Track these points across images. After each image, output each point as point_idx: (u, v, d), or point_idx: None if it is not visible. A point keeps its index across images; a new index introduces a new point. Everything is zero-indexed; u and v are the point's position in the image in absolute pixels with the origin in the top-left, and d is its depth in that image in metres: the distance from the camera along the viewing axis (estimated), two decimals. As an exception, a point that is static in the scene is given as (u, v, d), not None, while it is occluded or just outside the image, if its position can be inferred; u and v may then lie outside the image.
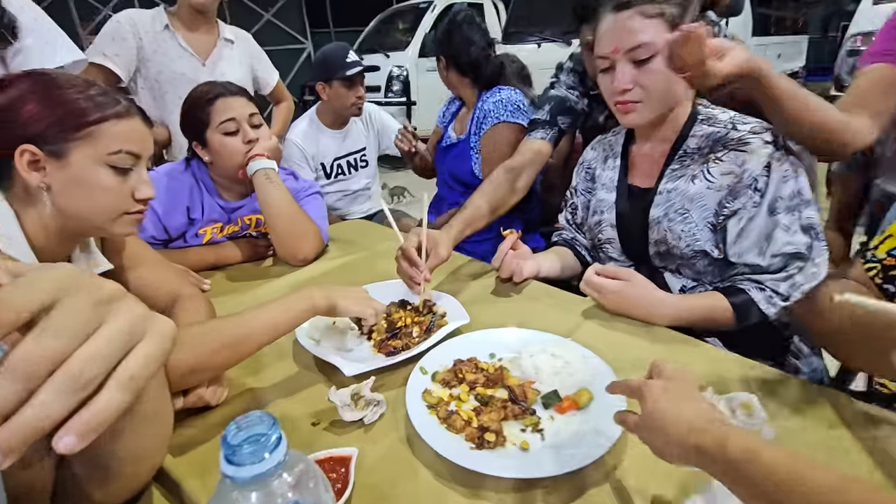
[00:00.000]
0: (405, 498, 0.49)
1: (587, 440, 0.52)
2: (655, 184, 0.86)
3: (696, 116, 0.85)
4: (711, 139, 0.82)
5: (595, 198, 0.97)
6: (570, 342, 0.68)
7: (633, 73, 0.78)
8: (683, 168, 0.83)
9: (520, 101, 1.40)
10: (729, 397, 0.56)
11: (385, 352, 0.72)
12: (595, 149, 1.02)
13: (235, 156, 1.07)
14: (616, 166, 0.94)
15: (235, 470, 0.23)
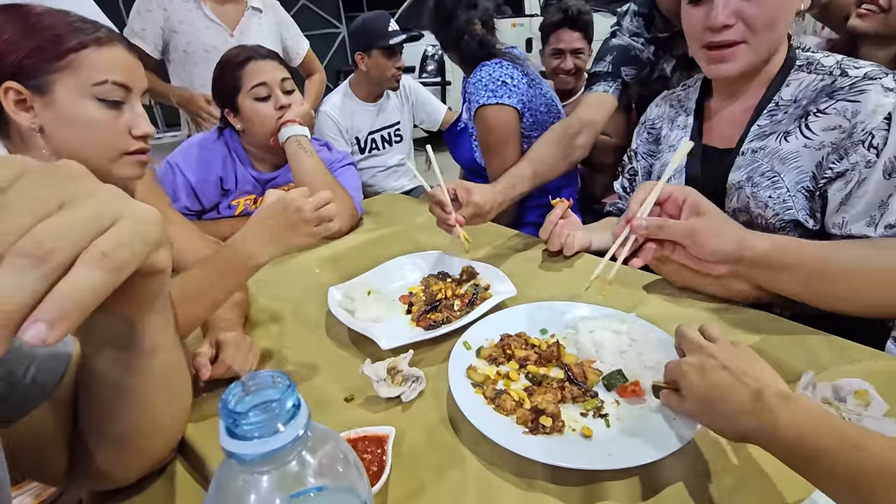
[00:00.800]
0: (450, 487, 0.43)
1: (662, 429, 0.44)
2: (738, 143, 0.73)
3: (794, 62, 0.71)
4: (812, 88, 0.68)
5: (660, 161, 0.87)
6: (633, 317, 0.60)
7: (736, 5, 0.65)
8: (775, 124, 0.71)
9: (503, 77, 1.16)
10: (836, 385, 0.47)
11: (424, 325, 0.66)
12: (660, 105, 0.90)
13: (267, 122, 1.02)
14: (688, 125, 0.82)
15: (241, 446, 0.17)
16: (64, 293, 0.20)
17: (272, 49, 1.65)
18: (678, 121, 0.85)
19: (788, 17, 0.67)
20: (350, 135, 1.78)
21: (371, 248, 0.98)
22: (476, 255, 0.85)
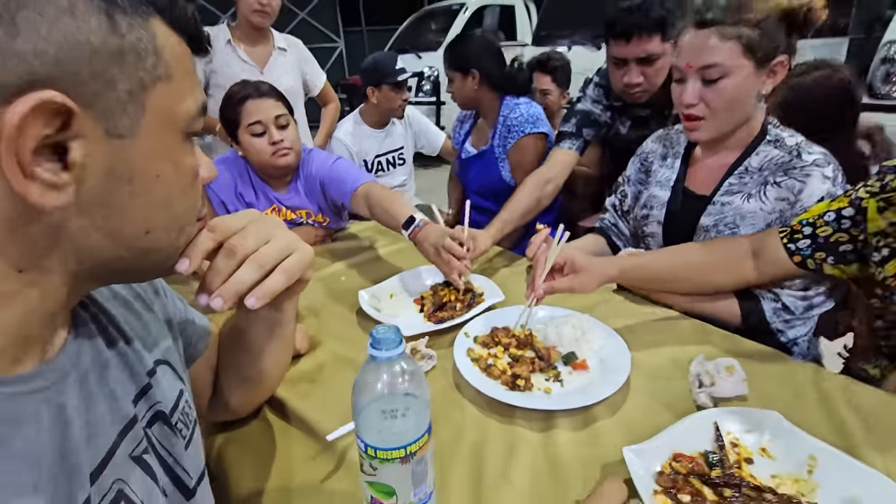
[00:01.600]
0: (455, 423, 0.65)
1: (594, 389, 0.67)
2: (711, 193, 0.90)
3: (765, 135, 0.88)
4: (775, 161, 0.84)
5: (648, 192, 1.00)
6: (588, 317, 0.83)
7: (701, 90, 0.82)
8: (742, 185, 0.87)
9: (538, 113, 1.57)
10: (716, 362, 0.70)
11: (434, 320, 0.88)
12: (655, 142, 1.05)
13: (262, 155, 1.19)
14: (675, 166, 0.97)
15: (378, 353, 0.39)
16: (267, 284, 0.43)
17: (295, 81, 1.89)
18: (667, 160, 1.00)
19: (746, 101, 0.83)
20: (359, 158, 2.00)
21: (385, 262, 1.20)
22: (474, 269, 1.08)
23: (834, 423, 0.61)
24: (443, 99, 5.45)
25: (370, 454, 0.41)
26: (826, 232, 0.72)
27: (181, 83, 0.34)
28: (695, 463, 0.55)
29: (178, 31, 0.35)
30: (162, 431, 0.42)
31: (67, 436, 0.32)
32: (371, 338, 0.40)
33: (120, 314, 0.43)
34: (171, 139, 0.34)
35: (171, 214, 0.36)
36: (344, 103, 6.46)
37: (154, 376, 0.43)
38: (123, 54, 0.30)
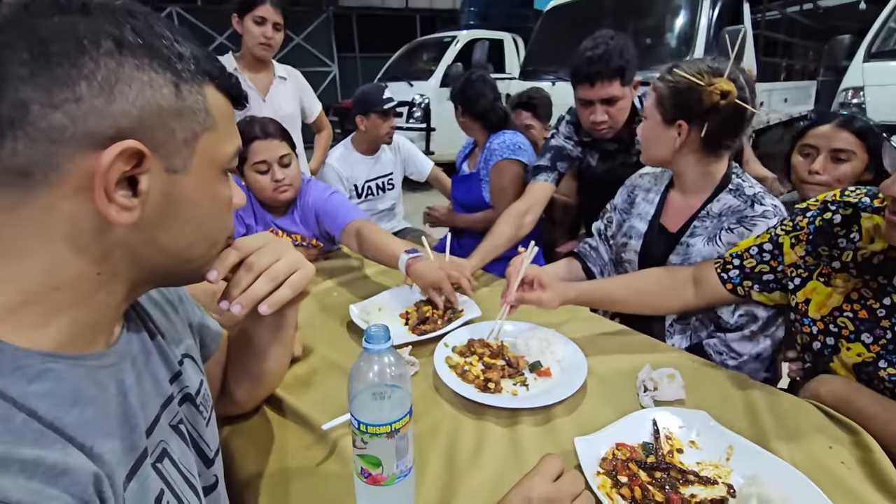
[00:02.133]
0: (433, 419, 0.75)
1: (555, 391, 0.78)
2: (678, 232, 1.03)
3: (728, 183, 1.00)
4: (732, 209, 0.97)
5: (628, 223, 1.14)
6: (553, 331, 0.94)
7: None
8: (703, 228, 1.00)
9: (520, 143, 1.72)
10: (660, 371, 0.81)
11: (417, 332, 0.98)
12: (643, 177, 1.19)
13: (265, 191, 1.31)
14: (654, 202, 1.10)
15: (370, 346, 0.50)
16: (277, 295, 0.54)
17: (294, 108, 2.01)
18: (649, 196, 1.13)
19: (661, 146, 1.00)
20: (350, 182, 2.12)
21: (371, 281, 1.30)
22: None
23: (752, 421, 0.73)
24: (433, 125, 5.66)
25: (362, 430, 0.51)
26: (751, 263, 0.85)
27: (223, 131, 0.44)
28: (634, 451, 0.65)
29: (224, 92, 0.44)
30: (189, 410, 0.52)
31: (127, 402, 0.41)
32: (366, 333, 0.50)
33: (154, 314, 0.53)
34: (212, 174, 0.43)
35: (207, 231, 0.45)
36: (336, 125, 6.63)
37: (183, 365, 0.53)
38: (183, 112, 0.39)
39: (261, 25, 1.79)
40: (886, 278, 0.72)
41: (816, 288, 0.80)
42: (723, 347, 0.96)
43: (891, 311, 0.72)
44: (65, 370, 0.36)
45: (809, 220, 0.81)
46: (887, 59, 3.27)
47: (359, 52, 11.06)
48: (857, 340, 0.75)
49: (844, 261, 0.76)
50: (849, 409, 0.73)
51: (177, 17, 8.60)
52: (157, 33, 0.38)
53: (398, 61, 6.73)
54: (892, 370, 0.71)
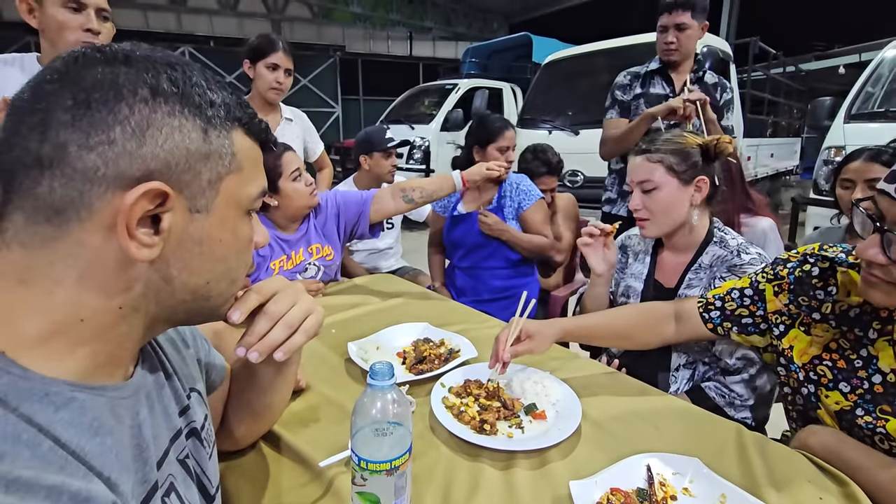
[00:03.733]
0: (429, 460, 0.75)
1: (550, 434, 0.79)
2: (676, 286, 1.10)
3: (712, 236, 1.10)
4: (720, 259, 1.06)
5: (624, 283, 1.22)
6: (548, 374, 0.95)
7: (642, 198, 1.09)
8: (698, 279, 1.08)
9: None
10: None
11: (415, 372, 0.99)
12: (632, 238, 1.27)
13: (303, 198, 1.42)
14: (646, 262, 1.19)
15: (375, 382, 0.51)
16: (292, 342, 0.55)
17: (298, 149, 2.09)
18: (640, 257, 1.22)
19: (680, 208, 1.07)
20: (352, 221, 2.17)
21: (373, 317, 1.32)
22: (452, 329, 1.20)
23: (744, 470, 0.73)
24: (433, 167, 5.81)
25: (362, 466, 0.52)
26: (732, 306, 0.88)
27: (249, 173, 0.45)
28: (628, 497, 0.66)
29: (252, 136, 0.47)
30: (195, 444, 0.53)
31: (142, 434, 0.42)
32: (371, 370, 0.52)
33: (168, 349, 0.55)
34: (234, 214, 0.45)
35: (227, 269, 0.46)
36: (337, 164, 6.79)
37: (190, 400, 0.54)
38: (209, 156, 0.41)
39: (273, 71, 1.88)
40: (862, 331, 0.76)
41: (798, 336, 0.83)
42: (725, 390, 1.01)
43: (867, 362, 0.74)
44: (88, 400, 0.37)
45: (789, 271, 0.85)
46: (866, 120, 3.44)
47: (362, 95, 11.47)
48: (836, 389, 0.77)
49: (824, 312, 0.80)
50: (837, 459, 0.74)
51: (189, 57, 8.93)
52: (193, 82, 0.41)
53: (400, 105, 6.97)
54: (868, 418, 0.73)
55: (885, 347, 0.73)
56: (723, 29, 9.55)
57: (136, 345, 0.44)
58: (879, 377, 0.73)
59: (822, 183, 3.58)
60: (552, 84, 5.10)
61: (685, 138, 1.09)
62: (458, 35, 12.94)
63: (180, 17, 9.53)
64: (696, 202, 1.09)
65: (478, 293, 1.84)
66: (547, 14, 12.98)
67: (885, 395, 0.72)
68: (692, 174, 1.07)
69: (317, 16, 11.07)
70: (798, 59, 8.50)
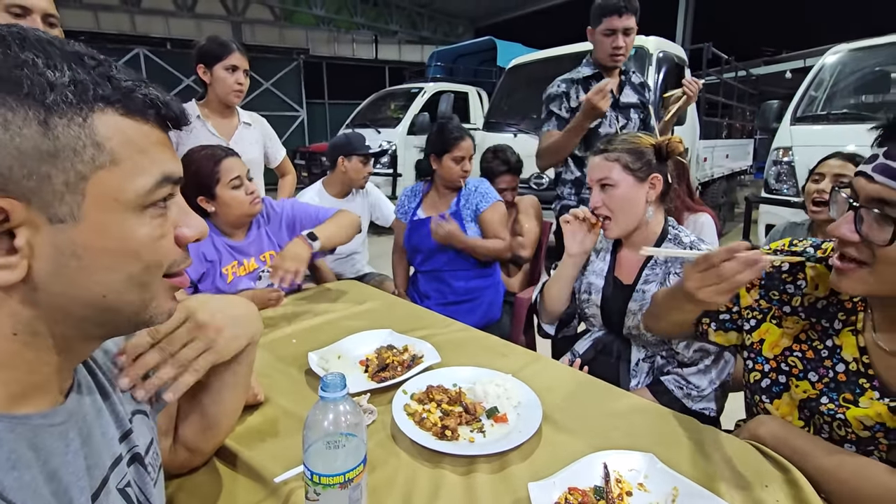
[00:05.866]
0: (390, 469, 0.74)
1: (511, 437, 0.79)
2: (634, 281, 1.15)
3: (667, 234, 1.16)
4: (675, 256, 1.10)
5: (586, 280, 1.25)
6: (510, 377, 0.96)
7: (602, 196, 1.14)
8: (654, 274, 1.13)
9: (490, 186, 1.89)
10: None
11: (377, 380, 0.98)
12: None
13: (243, 205, 1.36)
14: (606, 259, 1.23)
15: (326, 394, 0.50)
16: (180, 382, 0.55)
17: (258, 154, 2.05)
18: (600, 255, 1.25)
19: (637, 205, 1.12)
20: (319, 225, 2.13)
21: (335, 325, 1.30)
22: (416, 334, 1.19)
23: (697, 462, 0.76)
24: (400, 171, 5.80)
25: (315, 480, 0.51)
26: None
27: (133, 164, 0.38)
28: (585, 495, 0.67)
29: (135, 115, 0.38)
30: (137, 471, 0.50)
31: (75, 463, 0.40)
32: (322, 382, 0.51)
33: (108, 368, 0.52)
34: (117, 216, 0.37)
35: (126, 278, 0.39)
36: (302, 169, 6.68)
37: (133, 423, 0.52)
38: (57, 153, 0.34)
39: (233, 73, 1.83)
40: (829, 322, 0.80)
41: (769, 329, 0.87)
42: (683, 382, 1.06)
43: (832, 351, 0.79)
44: (3, 432, 0.35)
45: None
46: (810, 123, 3.64)
47: (328, 98, 11.32)
48: (805, 378, 0.81)
49: (794, 305, 0.84)
50: (786, 447, 0.77)
51: (144, 60, 8.61)
52: (20, 61, 0.33)
53: (367, 109, 6.92)
54: (831, 405, 0.77)
55: (848, 336, 0.77)
56: (678, 35, 9.93)
57: (55, 368, 0.41)
58: (843, 366, 0.77)
59: (772, 182, 3.76)
60: (517, 88, 5.18)
61: (640, 138, 1.15)
62: (424, 39, 12.97)
63: (134, 18, 9.18)
64: (651, 199, 1.14)
65: (443, 296, 1.84)
66: (511, 18, 13.18)
67: (848, 383, 0.76)
68: (647, 172, 1.12)
69: (279, 18, 10.87)
70: (749, 63, 8.91)
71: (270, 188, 2.17)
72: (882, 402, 0.72)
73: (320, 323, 1.31)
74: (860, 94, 3.92)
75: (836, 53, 3.90)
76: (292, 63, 10.21)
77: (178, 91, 8.50)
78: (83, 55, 0.36)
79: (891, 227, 0.62)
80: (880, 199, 0.64)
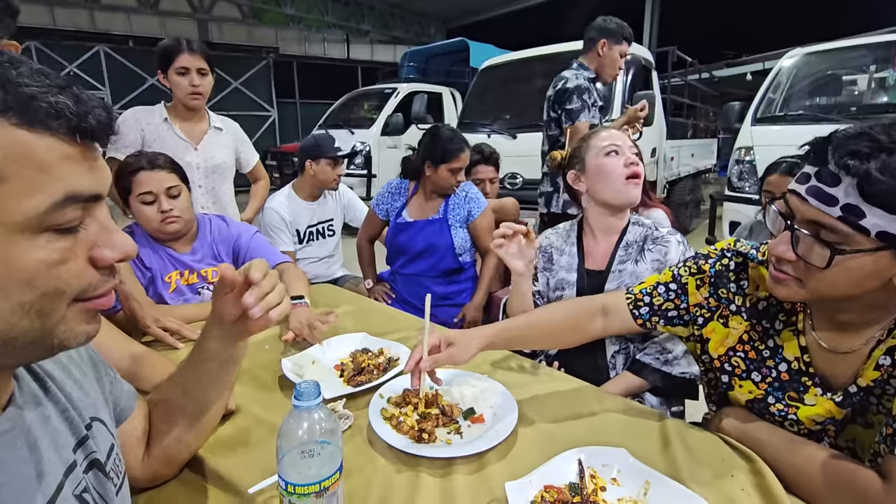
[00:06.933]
0: (366, 474, 0.74)
1: (487, 437, 0.80)
2: (607, 266, 1.20)
3: (630, 220, 1.23)
4: (641, 235, 1.21)
5: (556, 277, 1.26)
6: (486, 377, 0.97)
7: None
8: (627, 255, 1.20)
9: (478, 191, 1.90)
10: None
11: (353, 384, 0.97)
12: (549, 237, 1.32)
13: (151, 222, 1.29)
14: (573, 253, 1.26)
15: (300, 402, 0.50)
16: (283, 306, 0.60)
17: (229, 159, 1.99)
18: (565, 250, 1.27)
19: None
20: (292, 227, 2.10)
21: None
22: (391, 337, 1.19)
23: (667, 455, 0.78)
24: (374, 172, 5.76)
25: (290, 491, 0.50)
26: (659, 301, 0.94)
27: (24, 181, 0.34)
28: (561, 492, 0.68)
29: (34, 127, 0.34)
30: (97, 477, 0.49)
31: (22, 473, 0.39)
32: (295, 390, 0.51)
33: (59, 375, 0.50)
34: (1, 240, 0.34)
35: (16, 306, 0.35)
36: (273, 170, 6.57)
37: (91, 430, 0.50)
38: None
39: (185, 76, 1.76)
40: (769, 322, 0.82)
41: (716, 328, 0.89)
42: (658, 349, 1.14)
43: (774, 351, 0.81)
44: None
45: (710, 265, 0.90)
46: (769, 123, 3.79)
47: (299, 98, 11.15)
48: (748, 378, 0.84)
49: (738, 304, 0.86)
50: (748, 438, 0.80)
51: (104, 58, 8.29)
52: None
53: (339, 109, 6.86)
54: (780, 406, 0.80)
55: (789, 338, 0.80)
56: (645, 39, 10.20)
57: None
58: (785, 365, 0.80)
59: (735, 181, 3.90)
60: (490, 88, 5.21)
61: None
62: (396, 39, 12.93)
63: (93, 14, 8.84)
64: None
65: (422, 300, 1.84)
66: (483, 20, 13.27)
67: (791, 381, 0.79)
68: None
69: (247, 16, 10.64)
70: (711, 66, 9.23)
71: (243, 190, 2.12)
72: (826, 397, 0.76)
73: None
74: (814, 97, 4.11)
75: (792, 57, 4.07)
76: (261, 62, 10.03)
77: (142, 91, 8.23)
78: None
79: (827, 251, 0.63)
80: (815, 222, 0.65)
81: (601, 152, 1.21)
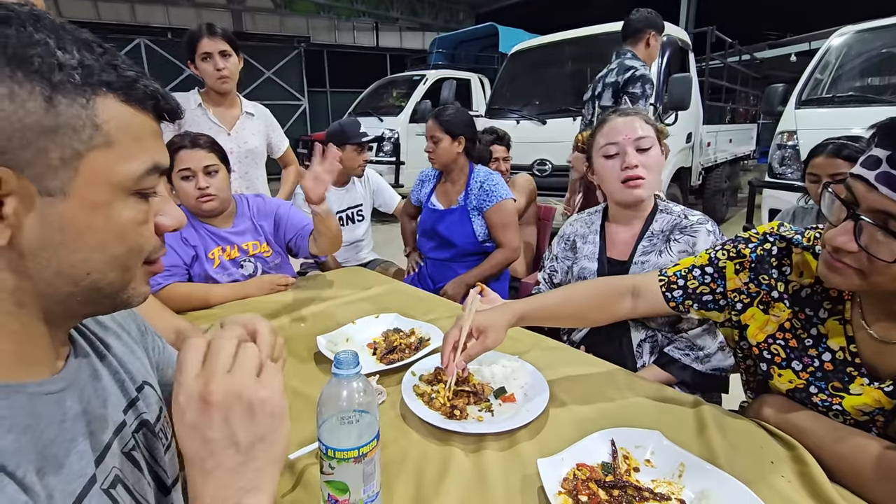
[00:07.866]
0: (400, 447, 0.76)
1: (519, 415, 0.80)
2: (629, 257, 1.15)
3: (657, 207, 1.18)
4: (669, 224, 1.14)
5: (578, 265, 1.23)
6: (516, 358, 0.97)
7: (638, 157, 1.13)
8: (652, 245, 1.14)
9: (501, 180, 1.83)
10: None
11: (385, 362, 0.99)
12: (573, 224, 1.31)
13: (189, 199, 1.36)
14: (596, 242, 1.23)
15: (340, 371, 0.51)
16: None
17: (260, 144, 2.04)
18: (588, 237, 1.24)
19: (661, 168, 1.15)
20: (321, 213, 2.13)
21: (343, 309, 1.31)
22: (424, 318, 1.21)
23: (702, 440, 0.77)
24: (403, 159, 5.77)
25: (329, 455, 0.52)
26: (693, 284, 0.91)
27: (125, 148, 0.39)
28: (593, 471, 0.68)
29: (133, 103, 0.40)
30: (146, 437, 0.51)
31: (74, 428, 0.41)
32: (335, 359, 0.52)
33: (112, 342, 0.53)
34: (106, 196, 0.39)
35: (110, 258, 0.40)
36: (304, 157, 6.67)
37: (141, 392, 0.53)
38: (58, 129, 0.36)
39: (209, 60, 1.80)
40: (813, 310, 0.79)
41: (755, 315, 0.86)
42: (688, 345, 1.07)
43: (817, 340, 0.78)
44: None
45: (751, 250, 0.87)
46: (815, 106, 3.60)
47: (329, 87, 11.25)
48: (788, 367, 0.81)
49: (780, 291, 0.83)
50: (789, 425, 0.78)
51: (144, 49, 8.57)
52: (33, 40, 0.35)
53: (368, 97, 6.88)
54: (823, 396, 0.77)
55: (835, 326, 0.76)
56: (682, 19, 9.79)
57: (47, 339, 0.41)
58: (829, 355, 0.77)
59: (776, 167, 3.74)
60: (519, 74, 5.13)
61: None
62: (425, 25, 12.83)
63: (134, 7, 9.11)
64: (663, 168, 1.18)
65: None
66: (513, 4, 13.01)
67: (835, 371, 0.76)
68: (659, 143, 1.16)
69: (279, 6, 10.76)
70: (753, 47, 8.81)
71: (274, 178, 2.17)
72: (873, 386, 0.72)
73: (328, 308, 1.32)
74: (866, 77, 3.86)
75: (842, 35, 3.84)
76: (293, 51, 10.15)
77: (180, 80, 8.47)
78: (92, 42, 0.39)
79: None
80: (885, 212, 0.59)
81: (601, 152, 1.18)
